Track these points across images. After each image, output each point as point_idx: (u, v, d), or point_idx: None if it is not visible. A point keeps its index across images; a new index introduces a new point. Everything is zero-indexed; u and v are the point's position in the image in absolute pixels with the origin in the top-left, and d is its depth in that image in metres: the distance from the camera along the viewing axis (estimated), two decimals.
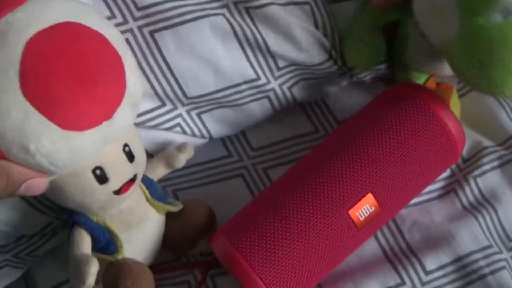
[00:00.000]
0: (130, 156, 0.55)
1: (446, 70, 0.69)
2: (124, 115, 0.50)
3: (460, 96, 0.76)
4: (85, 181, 0.52)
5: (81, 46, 0.47)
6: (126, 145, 0.54)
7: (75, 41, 0.47)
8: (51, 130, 0.45)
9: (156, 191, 0.62)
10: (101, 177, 0.53)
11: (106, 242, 0.58)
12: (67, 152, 0.47)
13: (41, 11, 0.47)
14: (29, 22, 0.46)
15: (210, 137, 0.73)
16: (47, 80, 0.45)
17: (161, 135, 0.69)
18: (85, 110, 0.47)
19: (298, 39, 0.67)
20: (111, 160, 0.53)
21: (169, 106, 0.67)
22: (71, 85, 0.46)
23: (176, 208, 0.63)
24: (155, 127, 0.67)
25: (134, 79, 0.51)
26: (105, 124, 0.48)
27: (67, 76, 0.46)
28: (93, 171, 0.52)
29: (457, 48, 0.56)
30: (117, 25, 0.62)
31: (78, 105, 0.46)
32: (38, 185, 0.49)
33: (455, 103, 0.73)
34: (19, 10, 0.46)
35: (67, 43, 0.47)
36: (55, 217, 0.65)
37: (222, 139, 0.76)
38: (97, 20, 0.50)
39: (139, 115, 0.65)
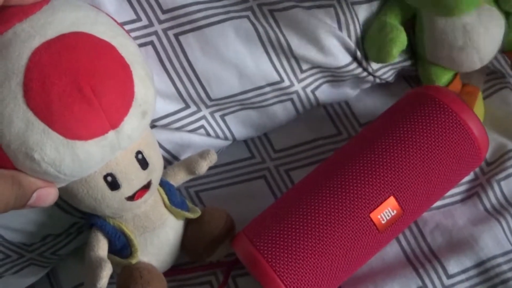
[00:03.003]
0: (144, 163, 0.55)
1: (465, 63, 0.70)
2: (132, 124, 0.50)
3: (485, 98, 0.76)
4: (96, 187, 0.53)
5: (85, 57, 0.47)
6: (139, 152, 0.55)
7: (79, 52, 0.47)
8: (54, 139, 0.46)
9: (175, 197, 0.62)
10: (113, 184, 0.53)
11: (121, 246, 0.59)
12: (73, 161, 0.47)
13: (49, 21, 0.47)
14: (36, 32, 0.47)
15: (234, 139, 0.73)
16: (49, 91, 0.45)
17: (185, 137, 0.69)
18: (88, 120, 0.47)
19: (322, 42, 0.67)
20: (123, 167, 0.53)
21: (193, 108, 0.68)
22: (72, 96, 0.46)
23: (194, 215, 0.63)
24: (179, 129, 0.68)
25: (144, 88, 0.51)
26: (111, 133, 0.49)
27: (69, 87, 0.46)
28: (104, 177, 0.53)
29: None
30: (142, 27, 0.63)
31: (81, 115, 0.46)
32: (48, 195, 0.49)
33: (479, 106, 0.73)
34: (27, 20, 0.47)
35: (71, 54, 0.47)
36: (80, 217, 0.66)
37: (245, 141, 0.76)
38: (106, 29, 0.51)
39: (163, 117, 0.65)
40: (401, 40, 0.67)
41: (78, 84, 0.46)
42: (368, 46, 0.70)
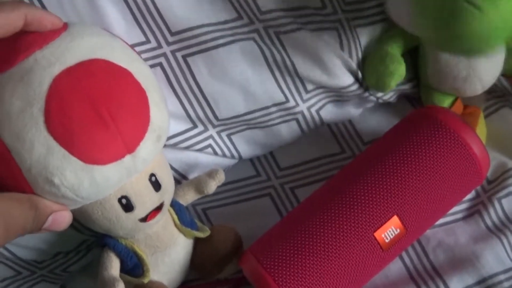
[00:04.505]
0: (157, 185, 0.56)
1: (468, 91, 0.71)
2: (148, 148, 0.51)
3: (486, 117, 0.77)
4: (111, 209, 0.54)
5: (103, 83, 0.48)
6: (152, 174, 0.55)
7: (98, 79, 0.48)
8: (73, 163, 0.47)
9: (185, 216, 0.63)
10: (127, 206, 0.54)
11: (133, 265, 0.60)
12: (90, 184, 0.48)
13: (68, 48, 0.48)
14: (56, 60, 0.47)
15: (240, 158, 0.74)
16: (70, 117, 0.46)
17: (192, 156, 0.70)
18: (106, 145, 0.48)
19: (326, 63, 0.68)
20: (137, 190, 0.54)
21: (200, 128, 0.69)
22: (92, 122, 0.47)
23: (203, 234, 0.64)
24: (187, 148, 0.69)
25: (159, 113, 0.52)
26: (128, 157, 0.50)
27: (89, 113, 0.47)
28: (119, 200, 0.53)
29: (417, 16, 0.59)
30: (151, 49, 0.64)
31: (99, 140, 0.47)
32: (63, 218, 0.50)
33: (481, 127, 0.74)
34: (48, 47, 0.48)
35: (90, 81, 0.48)
36: (90, 234, 0.66)
37: (250, 159, 0.77)
38: (123, 55, 0.51)
39: (171, 137, 0.67)
40: (400, 73, 0.68)
41: (97, 110, 0.47)
42: (367, 73, 0.71)
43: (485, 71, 0.69)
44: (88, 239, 0.68)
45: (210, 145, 0.70)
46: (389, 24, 0.71)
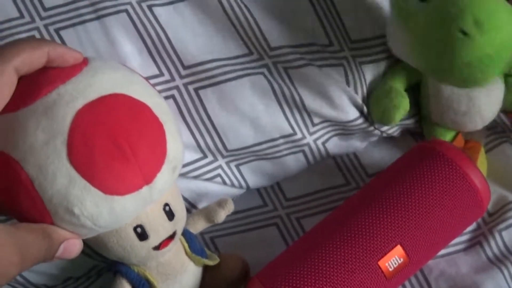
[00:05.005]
0: (170, 215, 0.57)
1: (468, 126, 0.73)
2: (164, 179, 0.52)
3: (486, 152, 0.78)
4: (126, 238, 0.55)
5: (123, 118, 0.50)
6: (167, 204, 0.56)
7: (118, 113, 0.50)
8: (94, 194, 0.48)
9: (196, 245, 0.63)
10: (142, 235, 0.55)
11: None
12: (109, 214, 0.49)
13: (89, 84, 0.50)
14: (79, 95, 0.49)
15: (248, 187, 0.75)
16: (91, 150, 0.48)
17: (201, 185, 0.72)
18: (126, 177, 0.49)
19: (333, 98, 0.70)
20: (152, 219, 0.55)
21: (210, 158, 0.71)
22: (112, 154, 0.48)
23: (212, 262, 0.64)
24: (196, 177, 0.71)
25: (175, 145, 0.53)
26: (145, 188, 0.51)
27: (109, 146, 0.48)
28: (134, 229, 0.54)
29: (419, 52, 0.63)
30: (164, 82, 0.66)
31: (119, 172, 0.49)
32: (74, 246, 0.50)
33: (482, 161, 0.75)
34: (70, 82, 0.49)
35: (110, 115, 0.49)
36: (100, 260, 0.68)
37: (258, 189, 0.78)
38: (141, 90, 0.53)
39: (182, 166, 0.67)
40: (404, 106, 0.70)
41: (117, 143, 0.48)
42: (372, 108, 0.73)
43: (485, 106, 0.71)
44: (98, 265, 0.69)
45: (219, 175, 0.72)
46: (393, 61, 0.74)
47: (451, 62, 0.60)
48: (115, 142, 0.48)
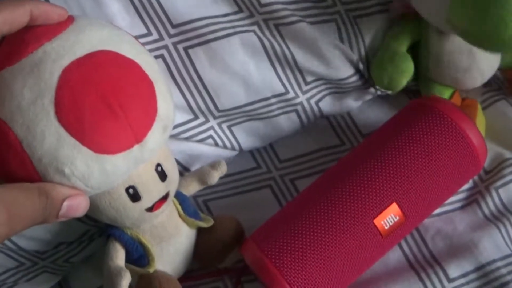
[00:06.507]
0: (163, 175, 0.56)
1: (468, 83, 0.72)
2: (155, 138, 0.51)
3: (483, 109, 0.78)
4: (119, 199, 0.54)
5: (112, 75, 0.49)
6: (158, 164, 0.56)
7: (107, 70, 0.49)
8: (84, 153, 0.47)
9: (189, 207, 0.63)
10: (134, 196, 0.54)
11: (139, 255, 0.60)
12: (100, 174, 0.49)
13: (77, 41, 0.49)
14: (65, 52, 0.48)
15: (240, 149, 0.75)
16: (80, 108, 0.47)
17: (193, 147, 0.71)
18: (116, 135, 0.48)
19: (325, 54, 0.69)
20: (144, 180, 0.55)
21: (201, 119, 0.70)
22: (102, 112, 0.47)
23: (206, 224, 0.64)
24: (188, 139, 0.70)
25: (165, 104, 0.52)
26: (136, 147, 0.50)
27: (99, 103, 0.47)
28: (126, 189, 0.54)
29: (458, 9, 0.58)
30: (153, 41, 0.65)
31: (109, 130, 0.48)
32: (79, 204, 0.49)
33: (480, 118, 0.75)
34: (56, 39, 0.48)
35: (99, 72, 0.48)
36: (92, 224, 0.67)
37: (251, 151, 0.78)
38: (130, 47, 0.52)
39: (173, 127, 0.66)
40: (410, 70, 0.70)
41: (106, 101, 0.47)
42: (376, 74, 0.72)
43: (486, 62, 0.70)
44: (90, 229, 0.68)
45: (210, 136, 0.71)
46: (390, 15, 0.73)
47: (503, 18, 0.55)
48: (104, 99, 0.48)
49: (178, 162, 0.71)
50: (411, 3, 0.67)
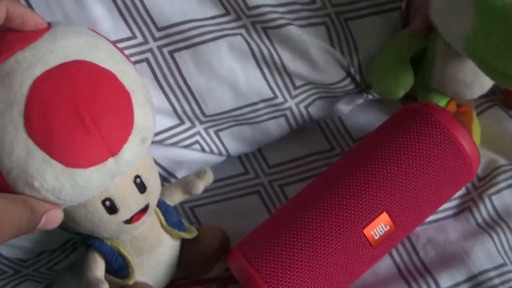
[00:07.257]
0: (142, 187, 0.55)
1: (468, 95, 0.71)
2: (131, 150, 0.50)
3: (477, 115, 0.77)
4: (94, 212, 0.53)
5: (86, 86, 0.48)
6: (137, 176, 0.55)
7: (80, 81, 0.48)
8: (53, 167, 0.46)
9: (172, 217, 0.62)
10: (111, 208, 0.54)
11: (118, 266, 0.59)
12: (72, 188, 0.48)
13: (50, 50, 0.48)
14: (37, 61, 0.47)
15: (228, 155, 0.74)
16: (50, 120, 0.46)
17: (179, 153, 0.70)
18: (88, 148, 0.47)
19: (315, 58, 0.68)
20: (121, 192, 0.54)
21: (187, 124, 0.68)
22: (73, 125, 0.46)
23: (190, 235, 0.63)
24: (173, 144, 0.68)
25: (143, 115, 0.51)
26: (111, 160, 0.49)
27: (70, 116, 0.46)
28: (103, 202, 0.53)
29: (478, 42, 0.56)
30: (138, 45, 0.64)
31: (80, 143, 0.47)
32: (56, 216, 0.49)
33: (476, 125, 0.74)
34: (29, 48, 0.47)
35: (72, 84, 0.47)
36: (75, 233, 0.66)
37: (239, 157, 0.77)
38: (107, 56, 0.51)
39: (158, 133, 0.66)
40: (409, 83, 0.69)
41: (78, 113, 0.46)
42: (375, 81, 0.71)
43: (488, 78, 0.68)
44: (73, 238, 0.67)
45: (197, 142, 0.70)
46: (383, 19, 0.71)
47: None
48: (76, 112, 0.46)
49: (163, 168, 0.70)
50: (433, 21, 0.65)
